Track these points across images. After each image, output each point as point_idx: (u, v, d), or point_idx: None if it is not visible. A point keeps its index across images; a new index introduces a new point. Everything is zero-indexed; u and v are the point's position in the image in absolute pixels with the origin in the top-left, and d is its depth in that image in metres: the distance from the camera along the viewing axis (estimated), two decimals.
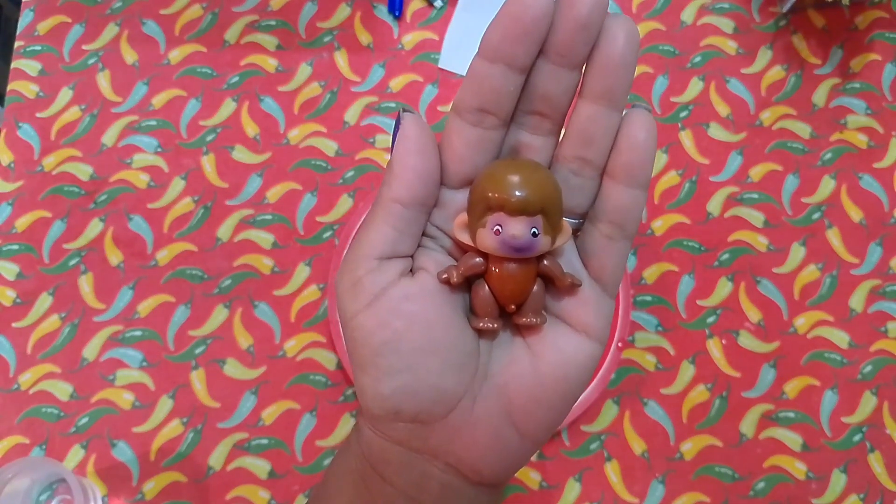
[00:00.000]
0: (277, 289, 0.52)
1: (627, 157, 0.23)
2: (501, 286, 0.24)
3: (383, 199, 0.23)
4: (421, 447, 0.25)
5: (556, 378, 0.24)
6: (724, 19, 0.57)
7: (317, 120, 0.55)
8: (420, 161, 0.23)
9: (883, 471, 0.48)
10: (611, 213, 0.24)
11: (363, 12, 0.58)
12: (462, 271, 0.24)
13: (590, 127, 0.23)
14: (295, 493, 0.48)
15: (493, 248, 0.23)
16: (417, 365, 0.23)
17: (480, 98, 0.23)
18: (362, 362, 0.23)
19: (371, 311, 0.23)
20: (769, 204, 0.53)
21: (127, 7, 0.58)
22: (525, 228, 0.22)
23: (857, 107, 0.55)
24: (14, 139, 0.55)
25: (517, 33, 0.21)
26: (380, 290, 0.23)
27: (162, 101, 0.56)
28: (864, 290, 0.51)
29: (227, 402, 0.50)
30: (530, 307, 0.24)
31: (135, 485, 0.49)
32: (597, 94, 0.23)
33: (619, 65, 0.22)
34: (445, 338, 0.23)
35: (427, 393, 0.23)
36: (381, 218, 0.23)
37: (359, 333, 0.23)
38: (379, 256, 0.23)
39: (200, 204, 0.54)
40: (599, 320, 0.24)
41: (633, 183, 0.23)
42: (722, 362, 0.50)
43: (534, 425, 0.24)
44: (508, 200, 0.22)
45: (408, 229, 0.24)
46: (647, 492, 0.48)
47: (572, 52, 0.22)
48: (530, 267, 0.24)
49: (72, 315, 0.51)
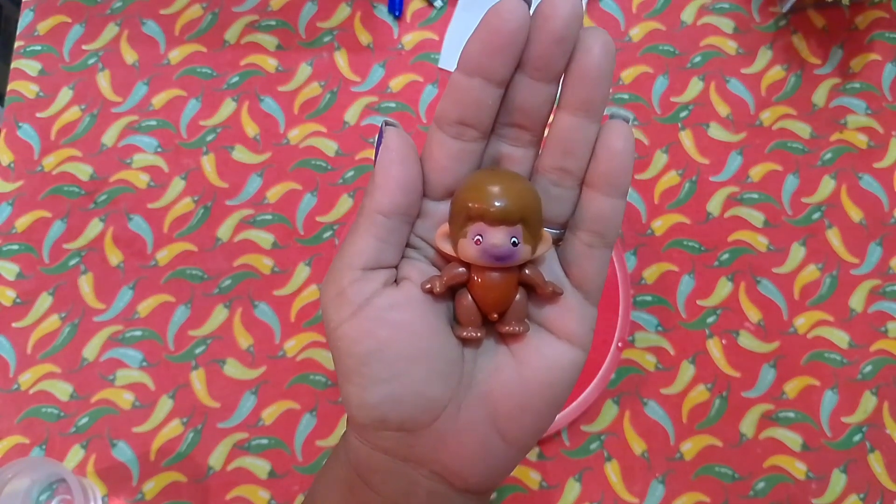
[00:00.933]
0: (277, 289, 0.52)
1: (606, 166, 0.24)
2: (484, 295, 0.24)
3: (366, 209, 0.24)
4: (407, 455, 0.25)
5: (540, 385, 0.24)
6: (724, 19, 0.57)
7: (317, 120, 0.55)
8: (402, 172, 0.23)
9: (883, 471, 0.48)
10: (590, 222, 0.24)
11: (363, 12, 0.58)
12: (445, 281, 0.24)
13: (569, 137, 0.24)
14: (295, 493, 0.48)
15: (475, 257, 0.23)
16: (403, 373, 0.23)
17: (461, 111, 0.23)
18: (347, 372, 0.24)
19: (355, 321, 0.23)
20: (769, 204, 0.53)
21: (127, 7, 0.58)
22: (505, 238, 0.23)
23: (857, 107, 0.55)
24: (14, 139, 0.55)
25: (495, 47, 0.22)
26: (364, 300, 0.23)
27: (162, 101, 0.56)
28: (864, 290, 0.51)
29: (227, 402, 0.50)
30: (513, 316, 0.24)
31: (135, 485, 0.49)
32: (575, 106, 0.23)
33: (595, 76, 0.22)
34: (430, 346, 0.24)
35: (412, 401, 0.23)
36: (365, 228, 0.24)
37: (343, 343, 0.23)
38: (363, 267, 0.23)
39: (200, 204, 0.54)
40: (582, 327, 0.25)
41: (612, 192, 0.24)
42: (722, 362, 0.50)
43: (519, 432, 0.24)
44: (488, 210, 0.22)
45: (391, 239, 0.24)
46: (647, 492, 0.48)
47: (549, 65, 0.22)
48: (512, 276, 0.24)
49: (72, 315, 0.51)
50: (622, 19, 0.58)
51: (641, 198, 0.54)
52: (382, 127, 0.24)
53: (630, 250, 0.52)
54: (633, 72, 0.56)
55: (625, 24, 0.57)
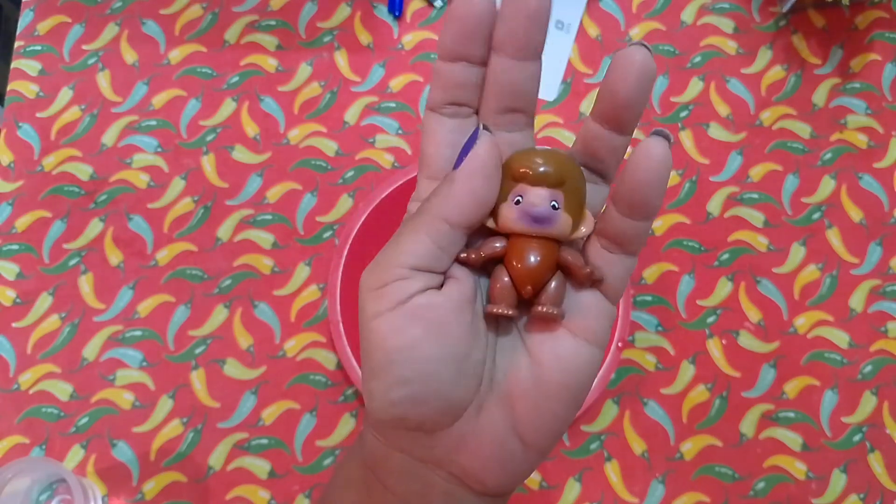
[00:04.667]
0: (277, 289, 0.52)
1: (631, 193, 0.23)
2: (520, 267, 0.23)
3: (432, 211, 0.23)
4: (425, 456, 0.24)
5: (558, 385, 0.24)
6: (724, 19, 0.57)
7: (317, 120, 0.55)
8: (483, 186, 0.23)
9: (883, 471, 0.48)
10: (613, 237, 0.24)
11: (363, 12, 0.58)
12: (483, 252, 0.24)
13: (596, 144, 0.24)
14: (295, 493, 0.48)
15: (513, 218, 0.23)
16: (429, 373, 0.23)
17: (450, 94, 0.24)
18: (375, 366, 0.23)
19: (391, 316, 0.23)
20: (769, 204, 0.53)
21: (127, 7, 0.58)
22: (545, 198, 0.23)
23: (857, 107, 0.55)
24: (14, 139, 0.55)
25: (465, 32, 0.23)
26: (406, 297, 0.23)
27: (162, 101, 0.56)
28: (864, 290, 0.51)
29: (227, 402, 0.50)
30: (549, 297, 0.24)
31: (135, 485, 0.49)
32: (603, 118, 0.23)
33: (628, 103, 0.22)
34: (460, 349, 0.23)
35: (436, 403, 0.23)
36: (426, 231, 0.23)
37: (375, 336, 0.23)
38: (413, 266, 0.23)
39: (200, 204, 0.54)
40: (600, 325, 0.24)
41: (638, 216, 0.23)
42: (722, 362, 0.50)
43: (537, 434, 0.24)
44: (529, 169, 0.23)
45: (449, 248, 0.23)
46: (647, 492, 0.48)
47: (528, 43, 0.23)
48: (550, 249, 0.23)
49: (72, 315, 0.51)
50: (622, 19, 0.58)
51: None
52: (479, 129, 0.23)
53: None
54: None
55: (625, 24, 0.57)
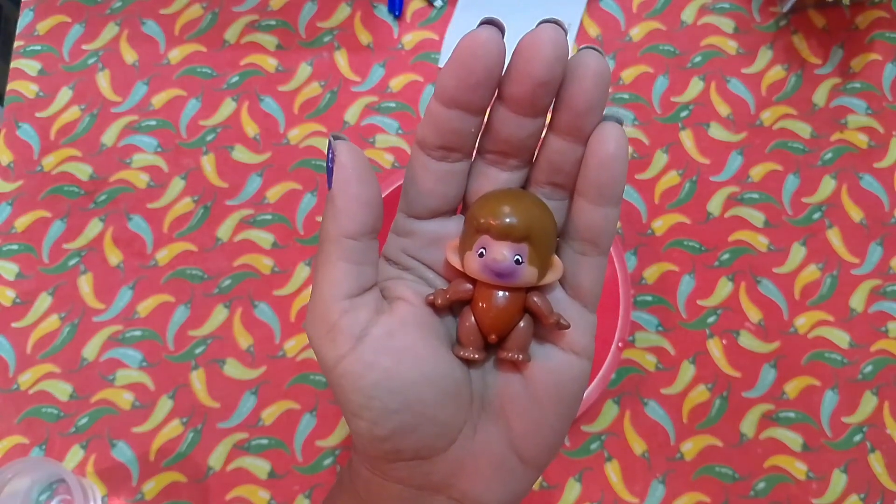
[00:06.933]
0: (277, 289, 0.52)
1: (596, 175, 0.22)
2: (483, 314, 0.23)
3: (332, 235, 0.22)
4: (423, 483, 0.24)
5: (550, 399, 0.24)
6: (724, 19, 0.57)
7: (317, 120, 0.55)
8: (362, 189, 0.22)
9: (883, 471, 0.48)
10: (583, 232, 0.23)
11: (363, 12, 0.58)
12: (449, 295, 0.23)
13: (559, 160, 0.23)
14: (295, 494, 0.48)
15: (476, 270, 0.22)
16: (413, 400, 0.22)
17: (442, 138, 0.22)
18: (354, 408, 0.22)
19: (355, 355, 0.22)
20: (769, 204, 0.53)
21: (127, 7, 0.58)
22: (508, 253, 0.22)
23: (858, 107, 0.55)
24: (14, 139, 0.55)
25: (470, 83, 0.21)
26: (360, 331, 0.22)
27: (162, 101, 0.56)
28: (865, 290, 0.51)
29: (227, 402, 0.50)
30: (514, 343, 0.23)
31: (135, 485, 0.49)
32: (565, 131, 0.22)
33: (587, 107, 0.22)
34: (435, 368, 0.23)
35: (427, 427, 0.23)
36: (337, 255, 0.22)
37: (346, 380, 0.22)
38: (347, 296, 0.22)
39: (200, 204, 0.54)
40: (585, 337, 0.24)
41: (604, 201, 0.23)
42: (722, 362, 0.50)
43: (536, 450, 0.24)
44: (493, 223, 0.22)
45: (365, 259, 0.23)
46: (647, 492, 0.48)
47: (534, 104, 0.22)
48: (516, 299, 0.23)
49: (72, 315, 0.51)
50: (622, 19, 0.58)
51: (642, 198, 0.53)
52: (331, 142, 0.22)
53: (630, 250, 0.52)
54: (633, 72, 0.56)
55: (625, 24, 0.57)
